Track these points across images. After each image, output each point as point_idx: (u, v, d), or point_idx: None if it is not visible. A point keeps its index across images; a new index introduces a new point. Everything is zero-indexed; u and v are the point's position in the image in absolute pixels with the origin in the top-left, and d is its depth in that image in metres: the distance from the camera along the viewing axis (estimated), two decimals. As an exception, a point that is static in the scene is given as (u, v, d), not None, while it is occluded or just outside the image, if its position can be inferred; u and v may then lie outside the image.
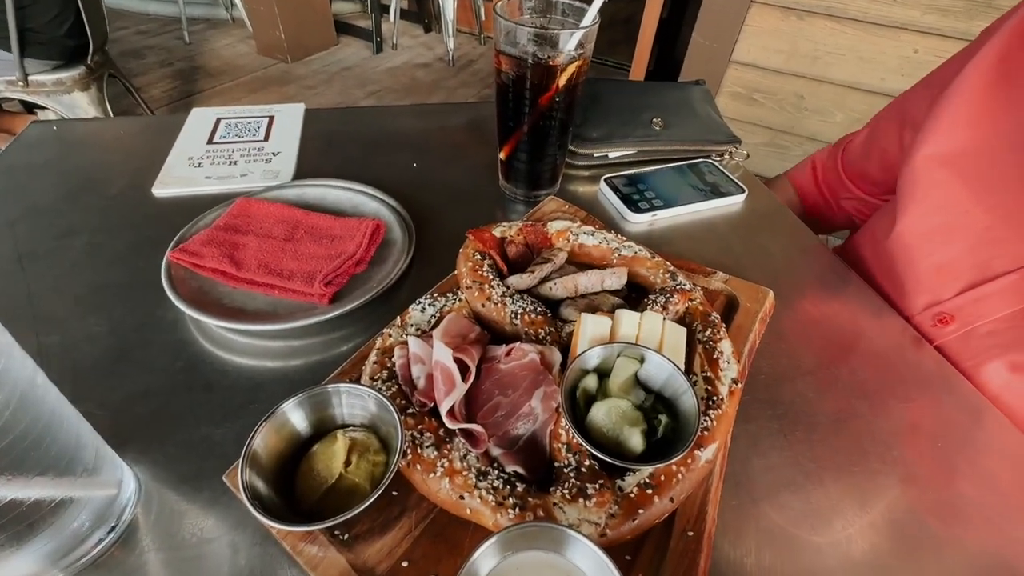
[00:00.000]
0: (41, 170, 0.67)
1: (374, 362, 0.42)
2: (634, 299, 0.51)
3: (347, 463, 0.35)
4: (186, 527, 0.36)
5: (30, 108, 1.79)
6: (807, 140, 1.83)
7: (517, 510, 0.34)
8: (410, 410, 0.39)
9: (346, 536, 0.35)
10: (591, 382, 0.40)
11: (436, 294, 0.49)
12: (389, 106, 2.31)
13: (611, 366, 0.41)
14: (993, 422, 0.47)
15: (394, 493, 0.37)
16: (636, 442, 0.36)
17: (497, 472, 0.36)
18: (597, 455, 0.35)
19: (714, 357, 0.43)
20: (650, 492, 0.35)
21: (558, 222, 0.55)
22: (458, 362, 0.39)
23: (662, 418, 0.38)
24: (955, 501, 0.41)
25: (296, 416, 0.37)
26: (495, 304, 0.46)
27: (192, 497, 0.38)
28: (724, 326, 0.46)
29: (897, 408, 0.47)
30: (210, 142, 0.73)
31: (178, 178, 0.66)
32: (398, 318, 0.46)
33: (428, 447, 0.37)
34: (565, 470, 0.36)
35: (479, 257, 0.50)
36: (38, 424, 0.27)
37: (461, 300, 0.48)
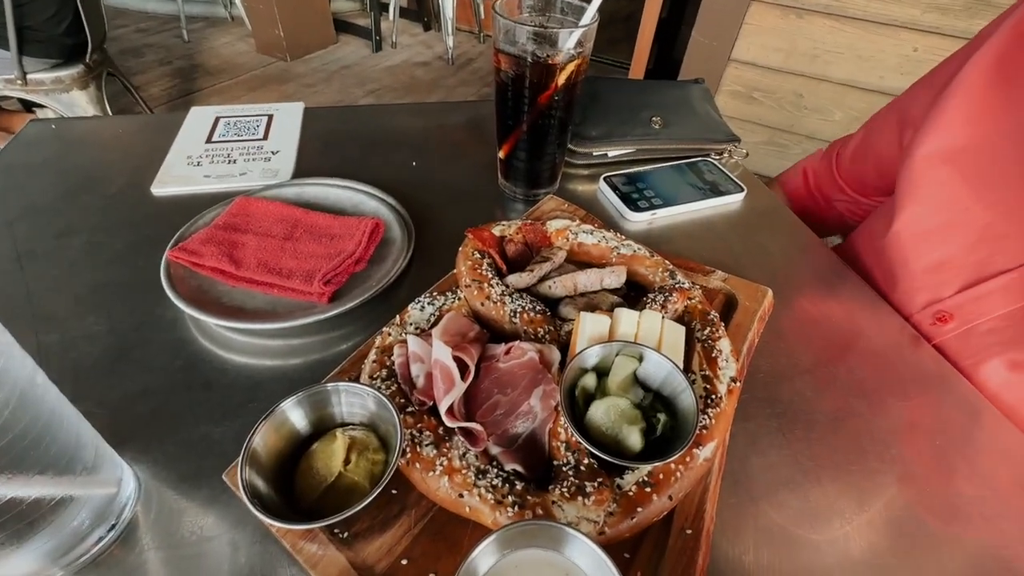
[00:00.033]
0: (40, 169, 0.67)
1: (373, 361, 0.43)
2: (633, 298, 0.51)
3: (346, 461, 0.35)
4: (186, 525, 0.36)
5: (29, 107, 1.79)
6: (806, 139, 1.83)
7: (516, 508, 0.34)
8: (409, 409, 0.39)
9: (345, 534, 0.35)
10: (590, 380, 0.40)
11: (435, 293, 0.49)
12: (388, 105, 2.32)
13: (610, 364, 0.41)
14: (991, 421, 0.48)
15: (393, 491, 0.37)
16: (635, 440, 0.36)
17: (496, 470, 0.36)
18: (596, 453, 0.35)
19: (713, 356, 0.43)
20: (649, 490, 0.35)
21: (557, 221, 0.55)
22: (457, 361, 0.39)
23: (661, 416, 0.38)
24: (953, 499, 0.41)
25: (295, 415, 0.37)
26: (494, 303, 0.46)
27: (192, 495, 0.38)
28: (723, 325, 0.46)
29: (895, 407, 0.47)
30: (209, 141, 0.73)
31: (177, 177, 0.66)
32: (397, 317, 0.46)
33: (427, 445, 0.37)
34: (564, 468, 0.36)
35: (478, 256, 0.50)
36: (38, 423, 0.27)
37: (460, 299, 0.48)
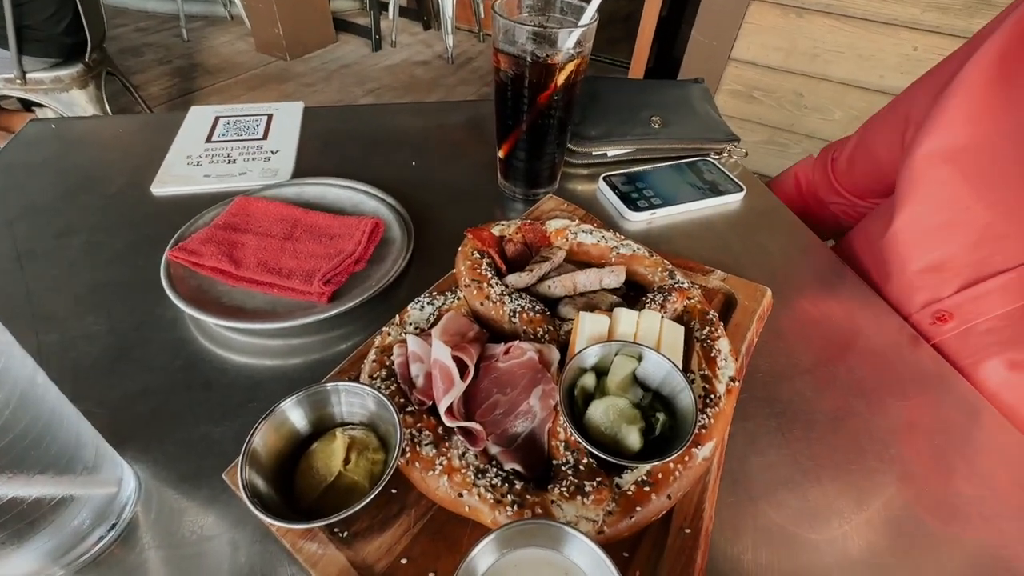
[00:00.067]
0: (40, 168, 0.67)
1: (373, 360, 0.43)
2: (632, 297, 0.51)
3: (346, 461, 0.35)
4: (186, 525, 0.36)
5: (28, 106, 1.78)
6: (806, 138, 1.83)
7: (515, 507, 0.34)
8: (409, 408, 0.39)
9: (345, 533, 0.35)
10: (589, 380, 0.40)
11: (435, 293, 0.49)
12: (388, 104, 2.32)
13: (609, 364, 0.41)
14: (990, 420, 0.48)
15: (393, 491, 0.37)
16: (634, 440, 0.36)
17: (495, 470, 0.36)
18: (595, 453, 0.36)
19: (712, 355, 0.43)
20: (648, 490, 0.35)
21: (557, 220, 0.55)
22: (457, 360, 0.40)
23: (660, 416, 0.38)
24: (952, 499, 0.41)
25: (295, 414, 0.37)
26: (493, 302, 0.46)
27: (192, 495, 0.38)
28: (722, 324, 0.46)
29: (895, 406, 0.47)
30: (209, 140, 0.73)
31: (177, 176, 0.66)
32: (397, 316, 0.46)
33: (427, 445, 0.37)
34: (563, 468, 0.36)
35: (478, 256, 0.50)
36: (38, 423, 0.28)
37: (460, 299, 0.48)
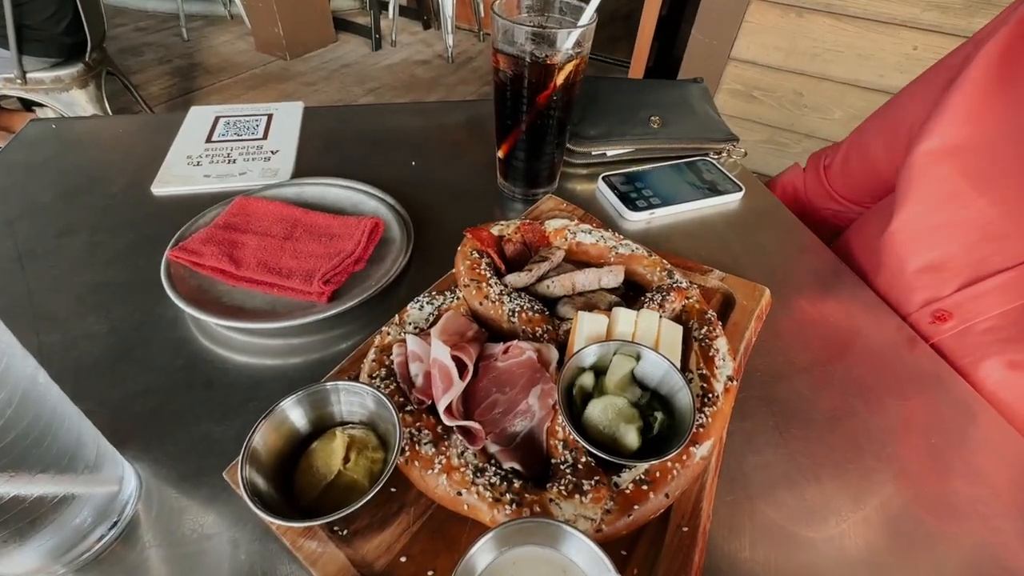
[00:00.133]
0: (40, 168, 0.67)
1: (372, 360, 0.43)
2: (631, 297, 0.51)
3: (346, 460, 0.35)
4: (187, 523, 0.36)
5: (28, 106, 1.79)
6: (806, 137, 1.83)
7: (514, 506, 0.34)
8: (408, 407, 0.39)
9: (345, 532, 0.35)
10: (588, 379, 0.40)
11: (434, 292, 0.49)
12: (388, 104, 2.32)
13: (607, 363, 0.41)
14: (988, 419, 0.48)
15: (392, 489, 0.37)
16: (632, 439, 0.36)
17: (494, 468, 0.36)
18: (593, 452, 0.36)
19: (710, 355, 0.43)
20: (645, 488, 0.35)
21: (556, 220, 0.55)
22: (456, 360, 0.40)
23: (658, 415, 0.38)
24: (950, 498, 0.42)
25: (295, 414, 0.37)
26: (493, 302, 0.46)
27: (192, 494, 0.38)
28: (720, 324, 0.47)
29: (892, 405, 0.47)
30: (209, 140, 0.73)
31: (177, 176, 0.66)
32: (396, 316, 0.46)
33: (426, 444, 0.37)
34: (561, 466, 0.37)
35: (477, 255, 0.50)
36: (40, 422, 0.28)
37: (459, 298, 0.49)
